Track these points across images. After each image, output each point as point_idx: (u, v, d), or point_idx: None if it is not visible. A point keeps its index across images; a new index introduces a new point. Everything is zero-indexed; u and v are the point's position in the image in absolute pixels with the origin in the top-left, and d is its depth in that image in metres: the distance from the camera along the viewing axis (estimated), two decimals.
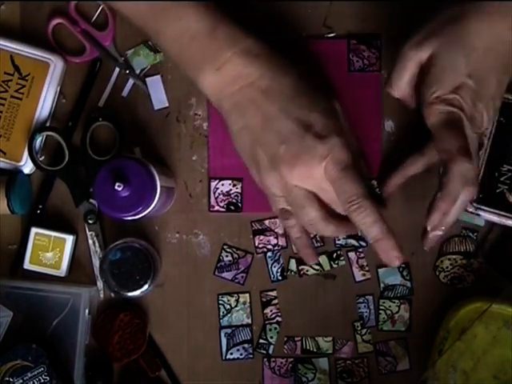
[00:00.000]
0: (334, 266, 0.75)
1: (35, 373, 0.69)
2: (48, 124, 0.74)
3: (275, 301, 0.75)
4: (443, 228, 0.60)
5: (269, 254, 0.75)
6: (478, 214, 0.72)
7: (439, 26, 0.59)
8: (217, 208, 0.75)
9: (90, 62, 0.75)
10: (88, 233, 0.75)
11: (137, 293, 0.70)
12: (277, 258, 0.75)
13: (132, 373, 0.74)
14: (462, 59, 0.58)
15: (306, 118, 0.60)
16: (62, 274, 0.74)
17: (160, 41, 0.64)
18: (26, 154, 0.73)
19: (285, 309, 0.75)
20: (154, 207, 0.66)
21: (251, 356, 0.75)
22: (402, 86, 0.63)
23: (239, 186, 0.74)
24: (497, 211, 0.71)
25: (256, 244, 0.75)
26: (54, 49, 0.74)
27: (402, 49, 0.61)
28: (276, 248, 0.75)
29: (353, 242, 0.75)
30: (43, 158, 0.75)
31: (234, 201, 0.74)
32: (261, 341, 0.75)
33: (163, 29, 0.62)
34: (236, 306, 0.75)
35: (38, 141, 0.73)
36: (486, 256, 0.74)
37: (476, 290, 0.74)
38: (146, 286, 0.70)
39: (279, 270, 0.75)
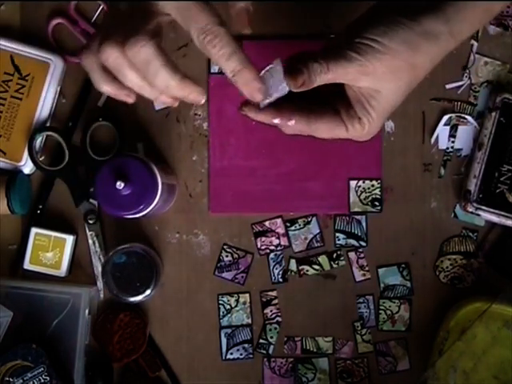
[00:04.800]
0: (334, 266, 0.75)
1: (35, 373, 0.69)
2: (48, 124, 0.74)
3: (275, 301, 0.75)
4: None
5: (271, 255, 0.75)
6: (478, 214, 0.72)
7: None
8: None
9: None
10: (88, 233, 0.75)
11: (135, 299, 0.70)
12: (279, 260, 0.75)
13: (132, 373, 0.74)
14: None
15: None
16: (62, 274, 0.74)
17: None
18: (26, 154, 0.73)
19: (285, 309, 0.75)
20: (155, 205, 0.66)
21: (251, 356, 0.75)
22: None
23: None
24: (497, 211, 0.72)
25: (258, 246, 0.75)
26: (54, 49, 0.74)
27: None
28: (279, 248, 0.75)
29: (353, 242, 0.75)
30: (43, 158, 0.75)
31: None
32: (261, 341, 0.75)
33: None
34: (236, 306, 0.75)
35: (38, 141, 0.73)
36: (486, 256, 0.74)
37: (476, 289, 0.74)
38: (144, 294, 0.70)
39: (280, 273, 0.75)
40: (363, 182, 0.74)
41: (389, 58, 0.54)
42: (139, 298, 0.71)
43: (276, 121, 0.56)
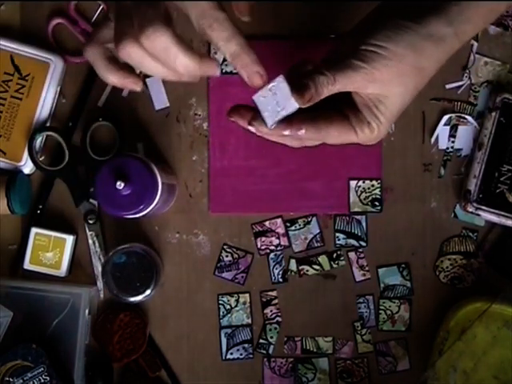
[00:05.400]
0: (334, 266, 0.75)
1: (35, 373, 0.69)
2: (48, 124, 0.74)
3: (275, 301, 0.75)
4: None
5: (271, 255, 0.75)
6: (478, 214, 0.72)
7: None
8: None
9: None
10: (88, 233, 0.75)
11: (135, 299, 0.70)
12: (279, 260, 0.75)
13: (132, 373, 0.74)
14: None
15: None
16: (62, 274, 0.74)
17: None
18: (26, 154, 0.73)
19: (285, 309, 0.75)
20: (155, 205, 0.66)
21: (251, 356, 0.75)
22: None
23: None
24: (497, 211, 0.72)
25: (258, 246, 0.75)
26: (54, 49, 0.74)
27: None
28: (279, 248, 0.75)
29: (353, 242, 0.75)
30: (43, 158, 0.75)
31: None
32: (261, 341, 0.75)
33: None
34: (236, 306, 0.75)
35: (38, 141, 0.73)
36: (486, 256, 0.74)
37: (476, 290, 0.74)
38: (144, 294, 0.70)
39: (280, 273, 0.75)
40: (363, 182, 0.74)
41: (395, 64, 0.53)
42: (139, 298, 0.71)
43: (287, 132, 0.56)
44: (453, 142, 0.74)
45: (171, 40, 0.50)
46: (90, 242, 0.74)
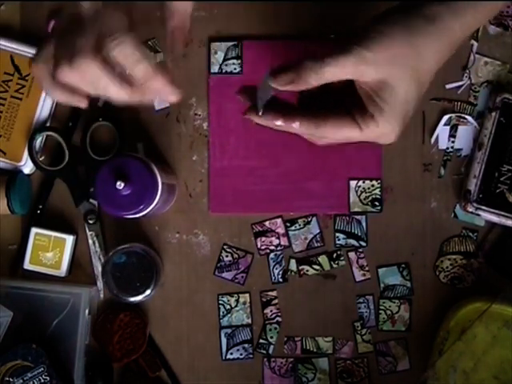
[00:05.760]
0: (334, 266, 0.75)
1: (35, 373, 0.69)
2: (48, 124, 0.74)
3: (275, 301, 0.75)
4: None
5: (271, 255, 0.75)
6: (478, 214, 0.72)
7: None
8: None
9: None
10: (88, 233, 0.75)
11: (135, 299, 0.70)
12: (279, 260, 0.75)
13: (132, 373, 0.74)
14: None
15: None
16: (62, 274, 0.74)
17: None
18: (26, 154, 0.73)
19: (285, 309, 0.75)
20: (155, 205, 0.66)
21: (251, 356, 0.75)
22: None
23: None
24: (497, 211, 0.72)
25: (258, 246, 0.75)
26: None
27: None
28: (279, 248, 0.75)
29: (353, 242, 0.75)
30: (43, 158, 0.75)
31: None
32: (261, 341, 0.75)
33: None
34: (236, 306, 0.75)
35: (38, 141, 0.73)
36: (486, 256, 0.74)
37: (476, 290, 0.74)
38: (144, 294, 0.70)
39: (280, 273, 0.75)
40: (363, 182, 0.74)
41: (386, 41, 0.52)
42: (139, 297, 0.71)
43: (278, 123, 0.56)
44: (453, 142, 0.74)
45: (100, 69, 0.51)
46: (90, 242, 0.74)
